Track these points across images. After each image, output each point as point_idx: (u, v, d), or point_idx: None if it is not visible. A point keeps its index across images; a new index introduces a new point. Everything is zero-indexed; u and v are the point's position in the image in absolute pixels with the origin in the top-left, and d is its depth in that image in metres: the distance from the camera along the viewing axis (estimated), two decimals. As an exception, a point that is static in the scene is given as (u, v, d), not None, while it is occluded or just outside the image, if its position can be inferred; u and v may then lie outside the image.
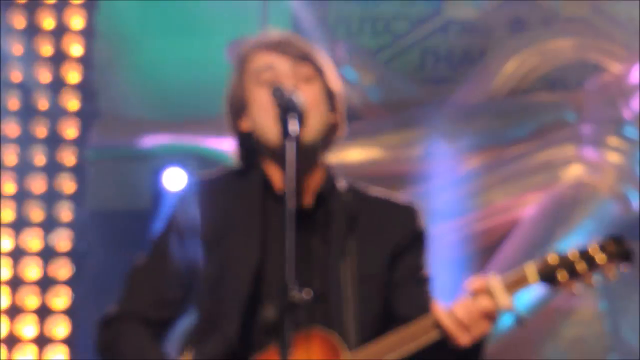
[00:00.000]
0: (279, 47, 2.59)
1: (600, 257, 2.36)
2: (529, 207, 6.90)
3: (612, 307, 6.98)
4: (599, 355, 6.88)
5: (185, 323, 2.70)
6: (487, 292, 2.31)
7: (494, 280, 2.33)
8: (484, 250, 6.71)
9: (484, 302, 2.30)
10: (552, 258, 2.38)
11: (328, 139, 2.57)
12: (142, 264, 2.66)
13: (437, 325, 2.32)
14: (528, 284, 2.37)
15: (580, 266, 2.36)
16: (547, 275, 2.36)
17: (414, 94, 7.40)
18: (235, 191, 2.64)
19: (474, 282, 2.35)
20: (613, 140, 6.88)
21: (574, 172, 6.90)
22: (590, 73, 7.35)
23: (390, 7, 7.92)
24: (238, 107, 2.58)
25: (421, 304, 2.46)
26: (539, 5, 7.92)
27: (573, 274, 2.36)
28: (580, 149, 6.90)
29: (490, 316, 2.31)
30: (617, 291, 6.94)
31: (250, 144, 2.61)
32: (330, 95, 2.57)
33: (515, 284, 2.35)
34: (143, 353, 2.55)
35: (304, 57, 2.58)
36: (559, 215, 6.82)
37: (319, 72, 2.58)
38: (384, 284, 2.58)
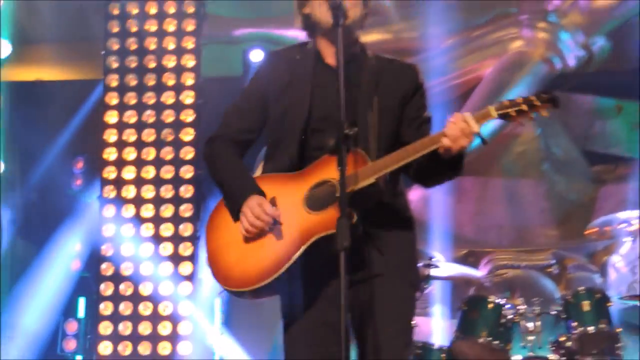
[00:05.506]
0: None
1: (536, 101, 2.77)
2: (488, 69, 8.26)
3: (544, 131, 8.35)
4: (536, 165, 8.33)
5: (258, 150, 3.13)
6: (465, 121, 2.72)
7: (469, 115, 2.74)
8: (460, 97, 7.97)
9: (464, 126, 2.71)
10: (505, 102, 2.77)
11: (363, 22, 3.01)
12: (235, 103, 3.09)
13: (444, 134, 2.70)
14: (490, 117, 2.78)
15: (524, 107, 2.76)
16: (503, 113, 2.77)
17: (414, -2, 8.48)
18: (296, 59, 3.03)
19: (458, 115, 2.74)
20: (541, 24, 8.27)
21: (517, 45, 8.33)
22: (526, -17, 8.62)
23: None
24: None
25: (422, 134, 2.88)
26: None
27: (519, 112, 2.76)
28: (520, 30, 8.32)
29: (469, 135, 2.71)
30: (547, 120, 7.64)
31: (309, 23, 3.02)
32: None
33: (482, 117, 2.76)
34: (229, 162, 3.00)
35: None
36: (508, 73, 8.14)
37: None
38: (397, 118, 2.94)
